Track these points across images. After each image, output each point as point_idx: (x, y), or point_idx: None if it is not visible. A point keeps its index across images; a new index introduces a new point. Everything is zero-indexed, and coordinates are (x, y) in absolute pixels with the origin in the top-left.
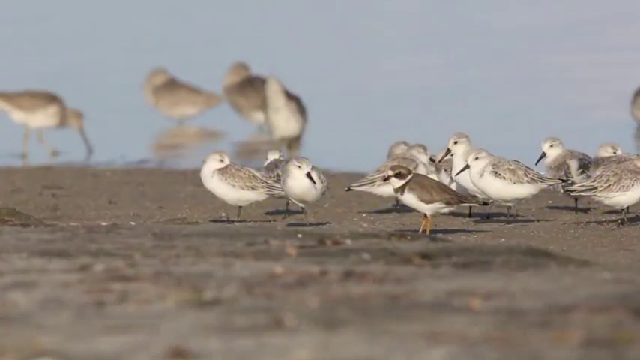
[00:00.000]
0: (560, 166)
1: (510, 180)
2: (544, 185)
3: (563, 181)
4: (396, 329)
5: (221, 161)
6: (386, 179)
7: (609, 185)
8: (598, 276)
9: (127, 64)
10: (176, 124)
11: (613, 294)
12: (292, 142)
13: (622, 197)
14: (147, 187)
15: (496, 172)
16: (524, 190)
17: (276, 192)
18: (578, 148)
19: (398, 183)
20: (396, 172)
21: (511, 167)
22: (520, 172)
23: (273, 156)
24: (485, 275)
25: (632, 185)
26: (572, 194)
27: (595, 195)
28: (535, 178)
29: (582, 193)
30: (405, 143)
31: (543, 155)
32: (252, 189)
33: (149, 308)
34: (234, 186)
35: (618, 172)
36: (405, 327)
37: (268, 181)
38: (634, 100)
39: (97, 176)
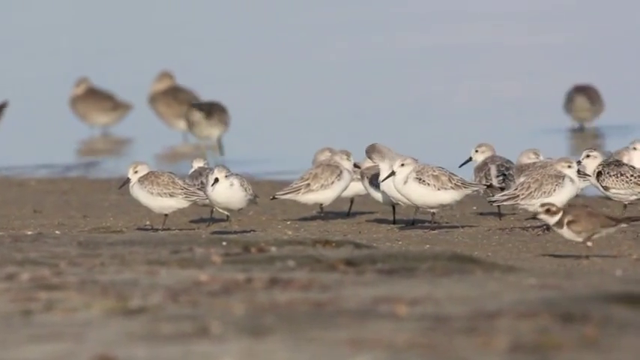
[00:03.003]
0: (481, 169)
1: (434, 186)
2: (468, 191)
3: (488, 186)
4: (322, 336)
5: (135, 172)
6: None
7: (530, 192)
8: (524, 282)
9: (52, 72)
10: (101, 132)
11: (539, 299)
12: (215, 145)
13: None
14: (71, 195)
15: (420, 179)
16: (448, 196)
17: (195, 198)
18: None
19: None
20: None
21: (435, 173)
22: (444, 178)
23: (197, 164)
24: (410, 282)
25: (554, 190)
26: (494, 204)
27: (517, 203)
28: (459, 184)
29: (505, 202)
30: (330, 150)
31: (469, 160)
32: (171, 195)
33: (75, 317)
34: (152, 193)
35: (539, 177)
36: (330, 334)
37: (189, 188)
38: (568, 101)
39: (22, 185)
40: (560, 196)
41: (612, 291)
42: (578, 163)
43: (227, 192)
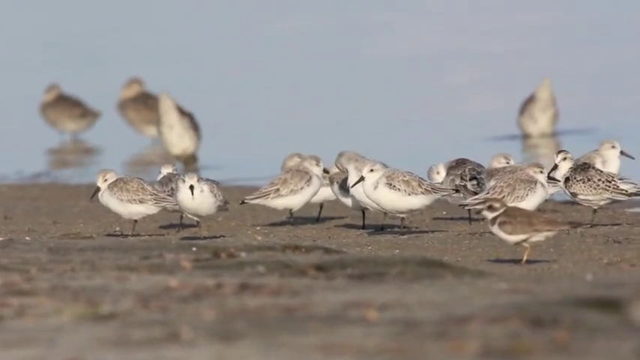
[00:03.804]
0: (454, 169)
1: (405, 191)
2: (438, 196)
3: (457, 191)
4: (292, 341)
5: (105, 180)
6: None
7: (503, 196)
8: (494, 286)
9: (25, 79)
10: (70, 138)
11: (509, 304)
12: (188, 159)
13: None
14: (41, 201)
15: (391, 184)
16: (418, 200)
17: (165, 204)
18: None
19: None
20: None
21: (405, 178)
22: (414, 183)
23: (166, 170)
24: (380, 287)
25: (527, 195)
26: (466, 208)
27: None
28: (429, 189)
29: (477, 207)
30: (299, 155)
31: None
32: (141, 202)
33: (46, 322)
34: (122, 199)
35: (512, 182)
36: (300, 339)
37: (158, 194)
38: (522, 111)
39: None
40: (532, 201)
41: (583, 295)
42: (555, 167)
43: (197, 198)
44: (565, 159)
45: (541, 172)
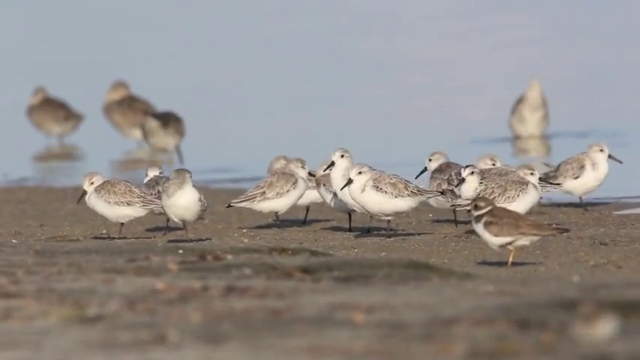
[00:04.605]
0: (441, 172)
1: (392, 194)
2: (424, 198)
3: (442, 193)
4: (279, 344)
5: (91, 183)
6: None
7: (494, 197)
8: (480, 288)
9: (10, 81)
10: (57, 141)
11: (496, 306)
12: (176, 152)
13: (509, 208)
14: (28, 204)
15: (377, 187)
16: (405, 203)
17: (152, 206)
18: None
19: None
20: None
21: (392, 181)
22: (401, 186)
23: (153, 172)
24: (366, 289)
25: (518, 196)
26: (458, 208)
27: None
28: (415, 191)
29: (467, 207)
30: (285, 158)
31: (424, 170)
32: (128, 204)
33: (33, 325)
34: (109, 202)
35: (503, 183)
36: (287, 341)
37: (146, 196)
38: (512, 111)
39: None
40: (524, 203)
41: (569, 297)
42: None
43: (187, 200)
44: (472, 173)
45: (532, 173)
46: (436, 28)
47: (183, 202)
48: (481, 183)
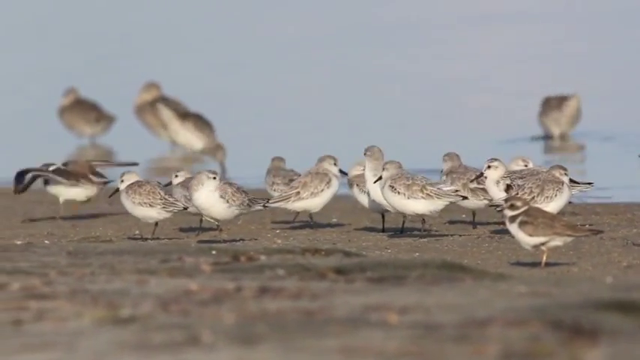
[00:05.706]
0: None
1: (404, 195)
2: (442, 202)
3: (464, 198)
4: (312, 345)
5: (122, 181)
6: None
7: (533, 197)
8: (514, 289)
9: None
10: (88, 142)
11: (529, 307)
12: (213, 154)
13: (546, 208)
14: (60, 205)
15: (392, 187)
16: (419, 205)
17: (174, 209)
18: None
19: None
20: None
21: (408, 182)
22: (415, 188)
23: (182, 175)
24: (400, 290)
25: (556, 195)
26: (498, 208)
27: None
28: (432, 194)
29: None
30: (280, 158)
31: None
32: (150, 205)
33: (66, 326)
34: (134, 202)
35: (540, 183)
36: (321, 342)
37: (168, 199)
38: (545, 112)
39: (11, 195)
40: (560, 202)
41: (603, 298)
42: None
43: (209, 200)
44: (489, 167)
45: (565, 174)
46: (468, 32)
47: (200, 202)
48: (511, 185)
